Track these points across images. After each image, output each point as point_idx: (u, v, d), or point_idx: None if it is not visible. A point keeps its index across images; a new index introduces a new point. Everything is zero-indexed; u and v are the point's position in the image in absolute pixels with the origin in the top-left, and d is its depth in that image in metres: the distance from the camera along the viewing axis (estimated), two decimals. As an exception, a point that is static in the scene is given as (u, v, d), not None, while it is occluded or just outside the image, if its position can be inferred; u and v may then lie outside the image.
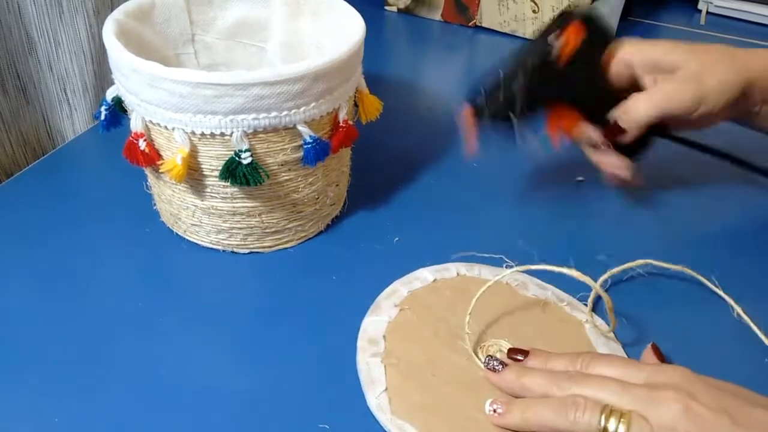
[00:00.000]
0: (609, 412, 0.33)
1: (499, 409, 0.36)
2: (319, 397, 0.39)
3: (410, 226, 0.52)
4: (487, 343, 0.41)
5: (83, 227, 0.50)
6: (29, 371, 0.40)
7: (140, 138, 0.43)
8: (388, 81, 0.74)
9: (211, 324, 0.43)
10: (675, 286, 0.47)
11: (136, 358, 0.40)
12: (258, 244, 0.48)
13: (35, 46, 0.58)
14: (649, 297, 0.46)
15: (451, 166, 0.59)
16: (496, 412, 0.36)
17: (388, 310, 0.43)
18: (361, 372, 0.39)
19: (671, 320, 0.44)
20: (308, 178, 0.46)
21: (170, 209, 0.48)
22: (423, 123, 0.66)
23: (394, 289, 0.45)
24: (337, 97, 0.44)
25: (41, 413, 0.37)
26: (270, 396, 0.39)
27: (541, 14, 0.82)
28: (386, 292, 0.45)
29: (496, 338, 0.42)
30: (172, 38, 0.52)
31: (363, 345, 0.41)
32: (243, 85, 0.39)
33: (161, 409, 0.38)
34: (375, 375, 0.39)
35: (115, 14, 0.45)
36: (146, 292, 0.45)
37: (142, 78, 0.40)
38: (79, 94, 0.63)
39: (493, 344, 0.41)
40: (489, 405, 0.37)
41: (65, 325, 0.42)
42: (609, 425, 0.32)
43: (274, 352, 0.41)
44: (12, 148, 0.60)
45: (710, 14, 0.95)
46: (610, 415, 0.33)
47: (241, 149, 0.41)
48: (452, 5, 0.87)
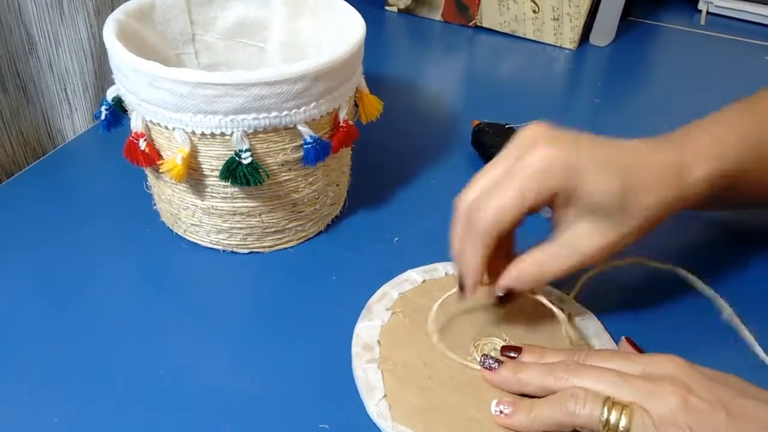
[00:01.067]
0: (611, 404, 0.33)
1: (506, 410, 0.36)
2: (320, 396, 0.39)
3: (410, 226, 0.52)
4: (481, 342, 0.41)
5: (83, 227, 0.50)
6: (29, 371, 0.40)
7: (140, 138, 0.43)
8: (388, 81, 0.74)
9: (211, 324, 0.43)
10: (664, 286, 0.47)
11: (136, 358, 0.40)
12: (258, 244, 0.48)
13: (35, 45, 0.58)
14: (638, 295, 0.46)
15: (451, 166, 0.59)
16: (503, 413, 0.36)
17: (381, 314, 0.43)
18: (358, 379, 0.39)
19: (658, 318, 0.44)
20: (308, 178, 0.46)
21: (170, 209, 0.48)
22: (423, 123, 0.66)
23: (384, 292, 0.45)
24: (338, 97, 0.44)
25: (41, 413, 0.37)
26: (270, 396, 0.39)
27: (541, 14, 0.82)
28: (377, 296, 0.44)
29: (488, 336, 0.42)
30: (173, 38, 0.52)
31: (358, 351, 0.41)
32: (243, 85, 0.39)
33: (161, 409, 0.38)
34: (372, 381, 0.39)
35: (116, 14, 0.45)
36: (146, 292, 0.45)
37: (143, 78, 0.40)
38: (79, 94, 0.63)
39: (487, 342, 0.41)
40: (495, 406, 0.37)
41: (65, 325, 0.42)
42: (611, 417, 0.33)
43: (274, 352, 0.41)
44: (12, 148, 0.60)
45: (710, 14, 0.95)
46: (612, 407, 0.33)
47: (242, 149, 0.41)
48: (452, 5, 0.87)
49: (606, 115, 0.70)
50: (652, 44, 0.87)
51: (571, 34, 0.82)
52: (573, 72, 0.79)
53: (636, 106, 0.72)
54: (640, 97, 0.74)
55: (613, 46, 0.84)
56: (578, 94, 0.76)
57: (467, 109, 0.69)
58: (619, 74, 0.79)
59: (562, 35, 0.82)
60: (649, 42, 0.87)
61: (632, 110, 0.71)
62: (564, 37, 0.82)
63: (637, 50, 0.84)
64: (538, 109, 0.65)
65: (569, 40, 0.82)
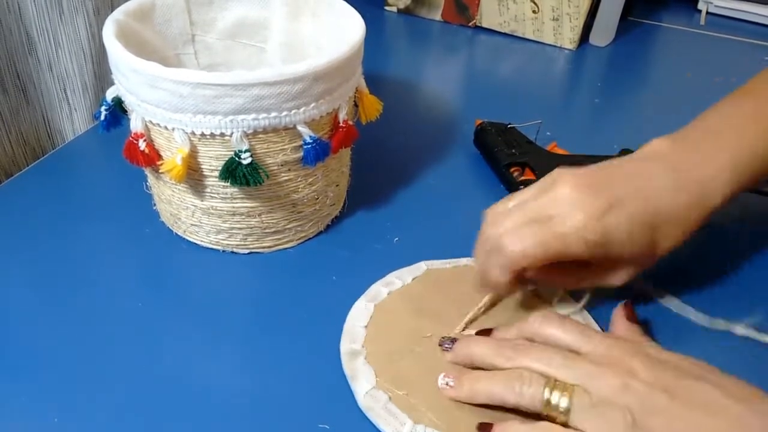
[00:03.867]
0: (553, 385, 0.34)
1: (451, 382, 0.37)
2: (320, 396, 0.39)
3: (410, 226, 0.52)
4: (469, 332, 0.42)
5: (83, 227, 0.50)
6: (29, 371, 0.40)
7: (140, 138, 0.43)
8: (388, 81, 0.74)
9: (210, 324, 0.43)
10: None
11: (136, 358, 0.40)
12: (258, 244, 0.48)
13: (35, 45, 0.58)
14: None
15: (451, 166, 0.59)
16: (448, 386, 0.37)
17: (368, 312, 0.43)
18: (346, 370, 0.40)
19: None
20: (308, 178, 0.46)
21: (170, 209, 0.48)
22: (423, 123, 0.66)
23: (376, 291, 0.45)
24: (337, 98, 0.44)
25: (41, 413, 0.37)
26: (270, 396, 0.39)
27: (541, 14, 0.82)
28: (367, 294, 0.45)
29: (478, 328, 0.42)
30: (172, 38, 0.52)
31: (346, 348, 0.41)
32: (243, 85, 0.39)
33: (161, 409, 0.38)
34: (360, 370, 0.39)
35: (115, 14, 0.45)
36: (146, 292, 0.45)
37: (142, 78, 0.40)
38: (79, 94, 0.63)
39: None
40: (442, 378, 0.38)
41: (65, 325, 0.42)
42: (552, 397, 0.34)
43: (274, 351, 0.41)
44: (12, 148, 0.60)
45: (710, 14, 0.95)
46: (554, 388, 0.34)
47: (241, 149, 0.41)
48: (452, 5, 0.87)
49: (606, 115, 0.70)
50: (651, 44, 0.87)
51: (570, 34, 0.82)
52: (573, 72, 0.79)
53: (636, 106, 0.72)
54: (640, 97, 0.74)
55: (612, 46, 0.84)
56: (578, 94, 0.76)
57: (467, 109, 0.69)
58: (618, 74, 0.79)
59: (561, 35, 0.82)
60: (649, 42, 0.87)
61: (632, 110, 0.71)
62: (564, 37, 0.82)
63: (637, 50, 0.84)
64: (538, 109, 0.65)
65: (569, 40, 0.82)
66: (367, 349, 0.40)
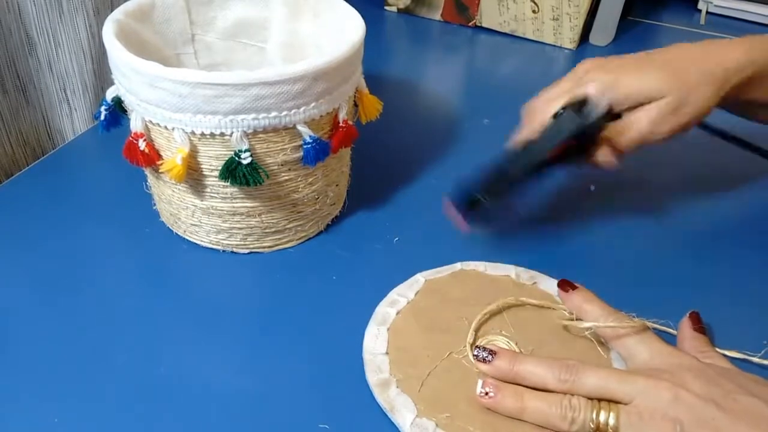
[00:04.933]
0: (599, 407, 0.35)
1: (491, 392, 0.37)
2: (320, 397, 0.39)
3: (410, 226, 0.52)
4: (485, 340, 0.41)
5: (83, 227, 0.50)
6: (29, 371, 0.40)
7: (140, 138, 0.43)
8: (388, 81, 0.74)
9: (211, 324, 0.43)
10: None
11: (136, 358, 0.40)
12: (258, 244, 0.48)
13: (35, 46, 0.58)
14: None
15: (451, 166, 0.59)
16: (488, 395, 0.37)
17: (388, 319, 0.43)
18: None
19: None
20: (308, 178, 0.46)
21: (170, 209, 0.48)
22: (423, 123, 0.66)
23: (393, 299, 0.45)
24: (337, 97, 0.44)
25: (41, 413, 0.37)
26: (270, 396, 0.39)
27: (541, 14, 0.82)
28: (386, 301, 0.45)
29: (494, 335, 0.42)
30: (172, 38, 0.52)
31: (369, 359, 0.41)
32: (243, 85, 0.39)
33: (161, 409, 0.38)
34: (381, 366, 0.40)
35: (115, 14, 0.45)
36: (146, 292, 0.45)
37: (142, 78, 0.40)
38: (78, 94, 0.63)
39: (489, 341, 0.41)
40: (481, 387, 0.37)
41: (65, 325, 0.42)
42: (600, 418, 0.34)
43: (274, 352, 0.41)
44: (12, 148, 0.60)
45: (710, 14, 0.95)
46: (600, 409, 0.34)
47: (241, 149, 0.41)
48: (452, 5, 0.87)
49: (606, 114, 0.70)
50: (651, 44, 0.87)
51: (570, 34, 0.82)
52: (573, 72, 0.79)
53: (636, 106, 0.72)
54: (640, 97, 0.74)
55: (612, 46, 0.84)
56: (578, 93, 0.76)
57: (466, 109, 0.69)
58: (618, 74, 0.79)
59: (561, 35, 0.82)
60: (649, 42, 0.87)
61: (632, 110, 0.71)
62: (564, 37, 0.82)
63: (636, 50, 0.83)
64: (538, 109, 0.65)
65: (569, 39, 0.82)
66: (395, 377, 0.39)
